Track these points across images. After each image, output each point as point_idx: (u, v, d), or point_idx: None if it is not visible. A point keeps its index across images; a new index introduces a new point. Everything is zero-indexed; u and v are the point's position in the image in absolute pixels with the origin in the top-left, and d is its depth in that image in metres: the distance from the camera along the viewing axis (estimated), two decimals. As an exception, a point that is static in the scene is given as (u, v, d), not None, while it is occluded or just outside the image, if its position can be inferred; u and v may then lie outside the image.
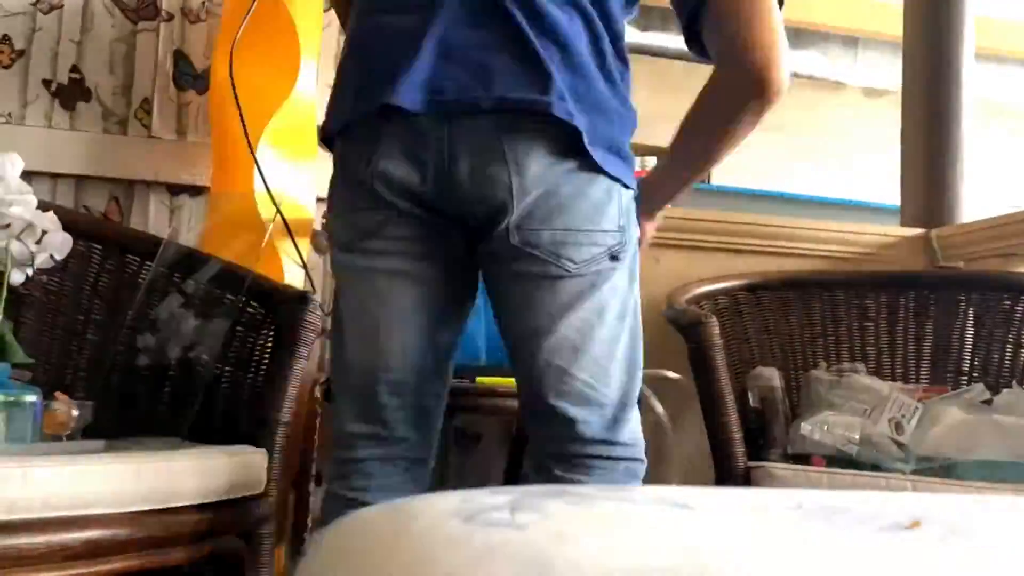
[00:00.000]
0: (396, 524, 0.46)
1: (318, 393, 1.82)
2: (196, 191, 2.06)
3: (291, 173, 1.90)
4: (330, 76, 2.12)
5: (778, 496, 0.50)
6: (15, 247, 1.38)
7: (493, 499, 0.48)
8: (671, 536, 0.44)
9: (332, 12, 2.13)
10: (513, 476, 1.80)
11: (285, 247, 1.80)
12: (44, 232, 1.40)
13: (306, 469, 1.85)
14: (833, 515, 0.45)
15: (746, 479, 1.58)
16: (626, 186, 1.19)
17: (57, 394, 1.40)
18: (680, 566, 0.39)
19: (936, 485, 1.38)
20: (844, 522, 0.44)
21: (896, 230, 2.36)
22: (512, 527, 0.44)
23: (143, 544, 1.17)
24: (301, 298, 1.52)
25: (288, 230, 1.74)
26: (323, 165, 1.99)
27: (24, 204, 1.38)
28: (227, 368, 1.56)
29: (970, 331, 1.89)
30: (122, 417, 1.47)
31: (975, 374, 1.85)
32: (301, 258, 1.78)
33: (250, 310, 1.58)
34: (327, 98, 1.29)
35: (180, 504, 1.21)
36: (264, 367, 1.53)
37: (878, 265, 2.16)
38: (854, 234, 2.30)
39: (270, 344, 1.54)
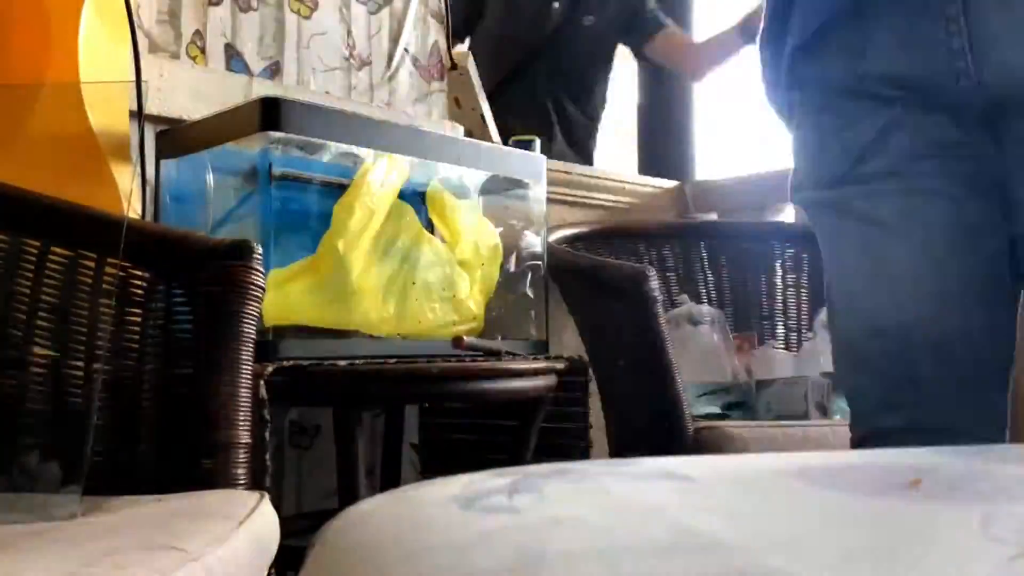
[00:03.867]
0: (399, 513, 0.46)
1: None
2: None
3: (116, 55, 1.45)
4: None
5: (778, 461, 0.50)
6: None
7: (494, 482, 0.48)
8: (671, 512, 0.44)
9: None
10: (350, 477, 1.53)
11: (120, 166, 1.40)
12: None
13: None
14: (833, 478, 0.46)
15: (697, 442, 1.56)
16: None
17: None
18: (679, 544, 0.39)
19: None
20: (847, 485, 0.46)
21: (658, 181, 2.56)
22: (509, 511, 0.44)
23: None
24: (234, 250, 1.05)
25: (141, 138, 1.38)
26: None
27: None
28: (127, 376, 1.08)
29: (764, 279, 2.04)
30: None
31: (778, 318, 2.00)
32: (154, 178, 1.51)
33: (137, 281, 1.07)
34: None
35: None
36: (189, 367, 1.04)
37: (645, 214, 2.31)
38: (630, 184, 2.48)
39: (187, 330, 1.06)
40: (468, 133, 2.14)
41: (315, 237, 1.48)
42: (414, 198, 1.85)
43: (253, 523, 0.81)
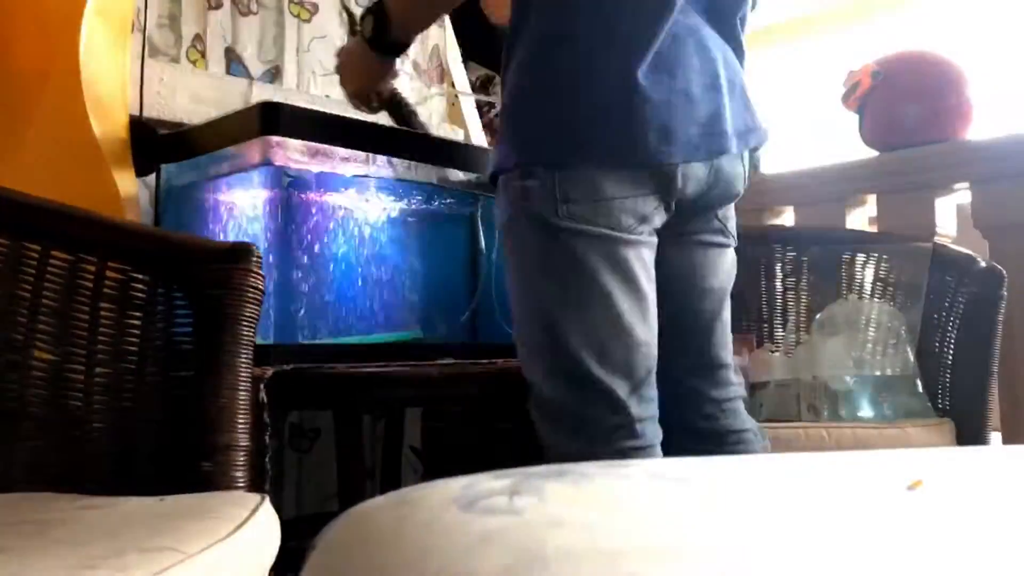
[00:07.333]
0: (399, 515, 0.47)
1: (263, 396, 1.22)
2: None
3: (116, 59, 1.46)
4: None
5: (774, 463, 0.50)
6: None
7: (494, 484, 0.48)
8: (668, 514, 0.44)
9: None
10: (350, 479, 1.61)
11: (120, 170, 1.42)
12: None
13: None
14: (833, 480, 0.46)
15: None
16: None
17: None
18: (675, 545, 0.39)
19: (864, 430, 1.50)
20: (844, 488, 0.46)
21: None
22: (509, 513, 0.44)
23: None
24: (234, 253, 1.05)
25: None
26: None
27: None
28: (127, 379, 1.08)
29: (764, 282, 2.03)
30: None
31: (776, 320, 2.00)
32: (155, 182, 1.50)
33: (138, 285, 1.08)
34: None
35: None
36: (189, 370, 1.05)
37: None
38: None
39: (187, 333, 1.06)
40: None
41: (319, 240, 1.49)
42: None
43: (253, 525, 0.81)
